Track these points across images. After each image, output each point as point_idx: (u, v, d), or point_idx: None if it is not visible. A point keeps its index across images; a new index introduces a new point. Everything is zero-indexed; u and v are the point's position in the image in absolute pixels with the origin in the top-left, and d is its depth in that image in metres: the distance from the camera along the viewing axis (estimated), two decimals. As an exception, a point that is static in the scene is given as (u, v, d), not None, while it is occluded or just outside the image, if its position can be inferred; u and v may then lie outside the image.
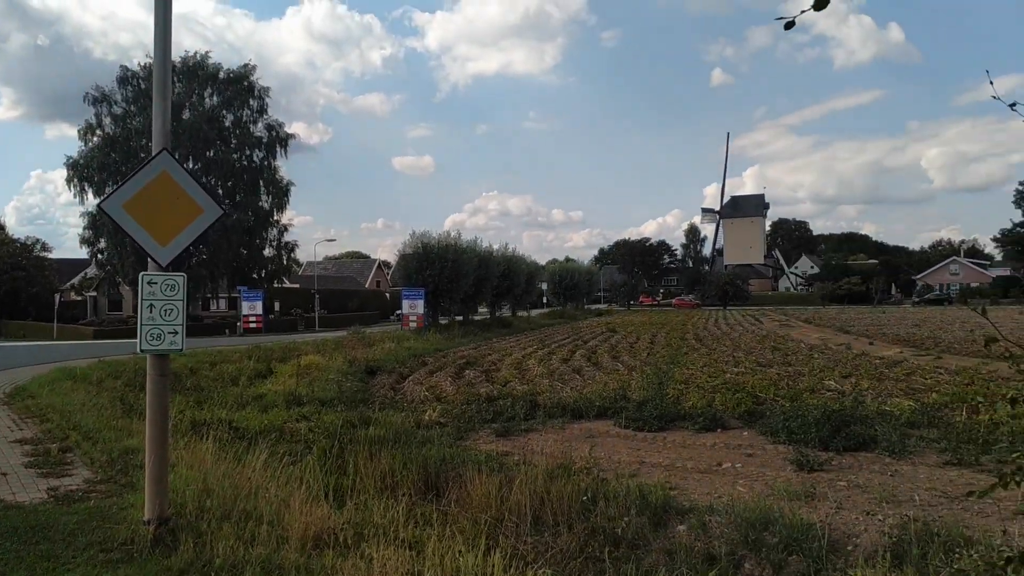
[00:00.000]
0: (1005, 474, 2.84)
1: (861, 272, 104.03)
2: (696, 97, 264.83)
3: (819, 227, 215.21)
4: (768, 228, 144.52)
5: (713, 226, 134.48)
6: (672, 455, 10.86)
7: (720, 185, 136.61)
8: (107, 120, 52.38)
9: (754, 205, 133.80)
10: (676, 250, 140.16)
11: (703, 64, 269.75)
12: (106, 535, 6.50)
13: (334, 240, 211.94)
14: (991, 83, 3.22)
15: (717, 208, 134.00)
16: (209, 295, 56.42)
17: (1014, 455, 2.84)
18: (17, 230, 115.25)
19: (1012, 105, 2.88)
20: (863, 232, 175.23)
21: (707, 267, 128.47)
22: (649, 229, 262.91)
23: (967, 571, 3.08)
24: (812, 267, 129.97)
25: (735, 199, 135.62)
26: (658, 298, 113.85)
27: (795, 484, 8.75)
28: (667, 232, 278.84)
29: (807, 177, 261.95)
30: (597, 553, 6.62)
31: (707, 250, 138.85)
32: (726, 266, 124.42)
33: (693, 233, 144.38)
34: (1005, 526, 6.47)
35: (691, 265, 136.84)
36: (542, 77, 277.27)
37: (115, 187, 6.33)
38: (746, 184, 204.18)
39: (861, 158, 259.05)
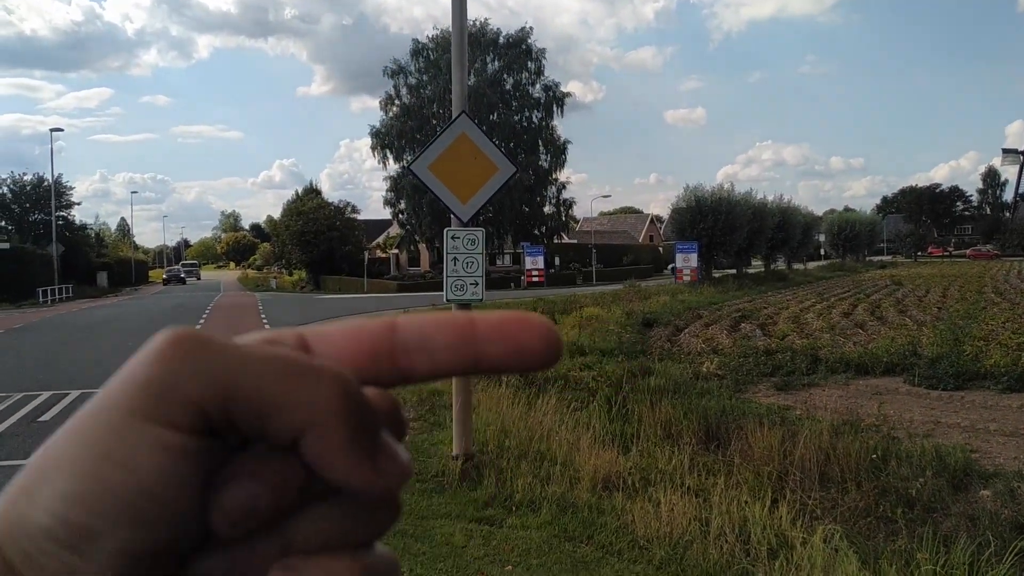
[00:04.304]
0: None
1: None
2: (997, 25, 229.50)
3: None
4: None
5: (1016, 168, 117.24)
6: (972, 416, 10.05)
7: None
8: (403, 90, 57.00)
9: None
10: (971, 196, 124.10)
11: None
12: (421, 467, 7.25)
13: (608, 196, 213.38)
14: None
15: (1021, 148, 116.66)
16: (495, 251, 59.79)
17: None
18: (330, 195, 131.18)
19: None
20: None
21: (1008, 214, 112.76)
22: (939, 174, 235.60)
23: None
24: None
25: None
26: (949, 249, 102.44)
27: None
28: (960, 177, 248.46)
29: None
30: (889, 513, 6.35)
31: (1008, 195, 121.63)
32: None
33: (991, 177, 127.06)
34: None
35: (989, 212, 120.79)
36: (821, 17, 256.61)
37: (421, 150, 6.93)
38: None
39: None
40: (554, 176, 58.03)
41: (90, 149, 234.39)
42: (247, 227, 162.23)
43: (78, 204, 77.88)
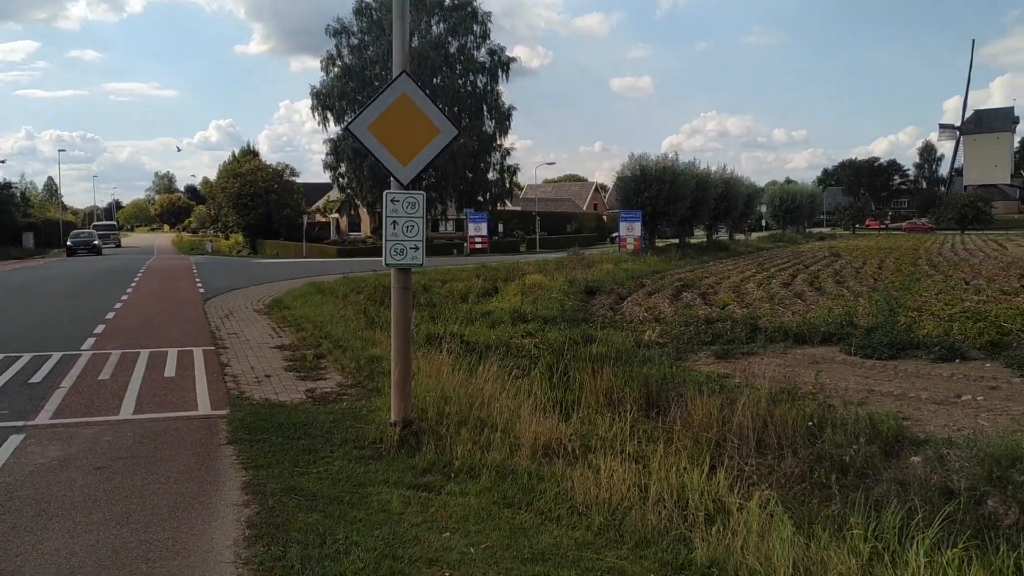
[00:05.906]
0: None
1: None
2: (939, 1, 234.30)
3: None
4: (1016, 145, 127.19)
5: (952, 143, 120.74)
6: (904, 384, 10.34)
7: (962, 98, 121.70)
8: (345, 51, 55.68)
9: (1001, 119, 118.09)
10: (908, 170, 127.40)
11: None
12: (358, 434, 7.12)
13: (553, 163, 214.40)
14: None
15: (957, 124, 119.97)
16: (438, 217, 59.32)
17: None
18: (269, 157, 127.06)
19: None
20: None
21: (943, 188, 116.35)
22: (879, 148, 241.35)
23: None
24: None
25: (979, 113, 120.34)
26: (886, 221, 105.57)
27: (1055, 423, 7.90)
28: (899, 151, 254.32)
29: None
30: (823, 480, 6.50)
31: (944, 170, 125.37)
32: (965, 187, 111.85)
33: (928, 151, 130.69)
34: None
35: (925, 186, 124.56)
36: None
37: (360, 110, 6.70)
38: (993, 96, 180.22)
39: None
40: (498, 142, 57.62)
41: (15, 104, 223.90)
42: (182, 189, 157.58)
43: (2, 162, 74.47)
